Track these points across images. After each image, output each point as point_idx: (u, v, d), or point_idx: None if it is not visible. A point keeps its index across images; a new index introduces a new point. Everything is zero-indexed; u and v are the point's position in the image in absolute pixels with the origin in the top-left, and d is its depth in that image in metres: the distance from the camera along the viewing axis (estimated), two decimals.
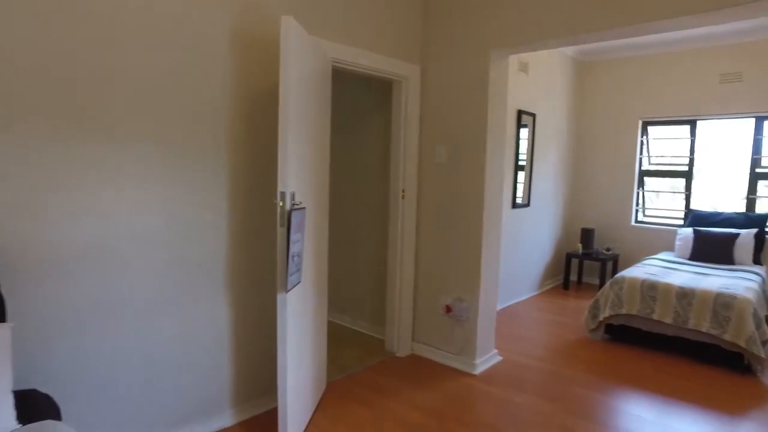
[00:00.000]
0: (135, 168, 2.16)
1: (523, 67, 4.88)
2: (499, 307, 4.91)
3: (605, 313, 3.99)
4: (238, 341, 2.64)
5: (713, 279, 3.98)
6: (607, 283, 4.09)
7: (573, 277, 6.18)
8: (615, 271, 5.80)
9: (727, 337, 3.45)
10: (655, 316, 3.76)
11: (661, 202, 6.30)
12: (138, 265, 2.20)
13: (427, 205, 3.60)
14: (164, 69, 2.21)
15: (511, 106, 4.76)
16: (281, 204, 2.22)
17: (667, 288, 3.76)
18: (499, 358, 3.63)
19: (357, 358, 3.60)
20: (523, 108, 4.92)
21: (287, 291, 2.24)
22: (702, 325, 3.56)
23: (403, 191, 3.55)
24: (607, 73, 5.95)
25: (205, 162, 2.40)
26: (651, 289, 3.83)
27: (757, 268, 4.56)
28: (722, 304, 3.51)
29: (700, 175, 6.08)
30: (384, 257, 3.88)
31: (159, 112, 2.22)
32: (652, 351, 3.84)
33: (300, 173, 2.38)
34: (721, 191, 6.09)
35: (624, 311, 3.90)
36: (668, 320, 3.70)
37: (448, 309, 3.48)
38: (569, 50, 5.71)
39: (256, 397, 2.76)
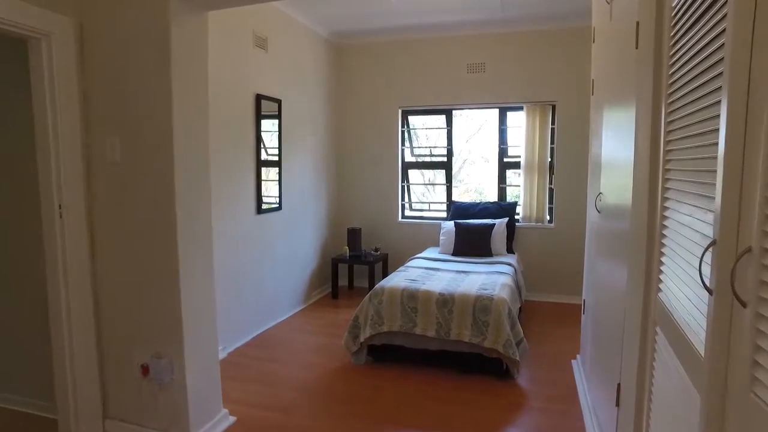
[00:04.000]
0: None
1: (261, 43, 4.01)
2: (249, 337, 4.00)
3: (366, 333, 3.39)
4: None
5: (473, 278, 3.71)
6: (366, 297, 3.51)
7: (344, 282, 5.64)
8: (385, 272, 5.40)
9: (486, 343, 3.13)
10: (417, 330, 3.29)
11: (435, 196, 6.18)
12: None
13: (104, 225, 2.45)
14: None
15: (246, 89, 3.85)
16: None
17: (428, 296, 3.32)
18: (230, 420, 2.70)
19: None
20: (263, 92, 4.06)
21: None
22: (464, 334, 3.19)
23: (60, 207, 2.35)
24: (365, 58, 5.49)
25: None
26: (411, 300, 3.35)
27: (510, 258, 4.54)
28: (481, 308, 3.18)
29: (465, 166, 6.09)
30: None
31: None
32: (417, 370, 3.38)
33: None
34: (482, 181, 6.24)
35: (385, 329, 3.35)
36: (431, 333, 3.26)
37: (145, 370, 2.42)
38: (322, 30, 5.06)
39: None
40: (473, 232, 4.76)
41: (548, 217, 5.15)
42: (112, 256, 2.45)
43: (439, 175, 5.66)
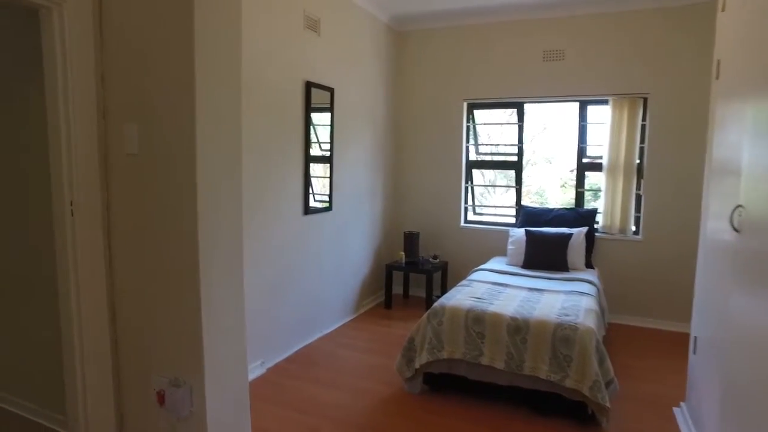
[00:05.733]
0: None
1: (313, 25, 3.60)
2: (291, 350, 3.62)
3: (422, 359, 2.91)
4: None
5: (550, 298, 3.14)
6: (424, 316, 3.02)
7: (398, 291, 5.17)
8: (444, 282, 4.89)
9: (568, 383, 2.57)
10: (484, 360, 2.77)
11: (495, 198, 5.60)
12: None
13: (120, 226, 2.11)
14: None
15: (294, 75, 3.46)
16: None
17: (497, 320, 2.79)
18: None
19: None
20: (314, 80, 3.66)
21: None
22: (540, 369, 2.63)
23: (72, 204, 2.02)
24: (427, 46, 4.99)
25: None
26: (477, 323, 2.83)
27: (590, 274, 3.91)
28: (562, 339, 2.61)
29: (526, 167, 5.48)
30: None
31: None
32: (481, 406, 2.85)
33: None
34: (544, 184, 5.61)
35: (445, 355, 2.85)
36: (500, 365, 2.72)
37: (161, 398, 2.05)
38: (381, 13, 4.61)
39: None
40: (547, 243, 4.16)
41: (633, 228, 4.45)
42: (129, 261, 2.10)
43: (501, 176, 5.08)
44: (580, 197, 4.73)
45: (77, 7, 1.97)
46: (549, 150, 5.26)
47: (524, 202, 5.08)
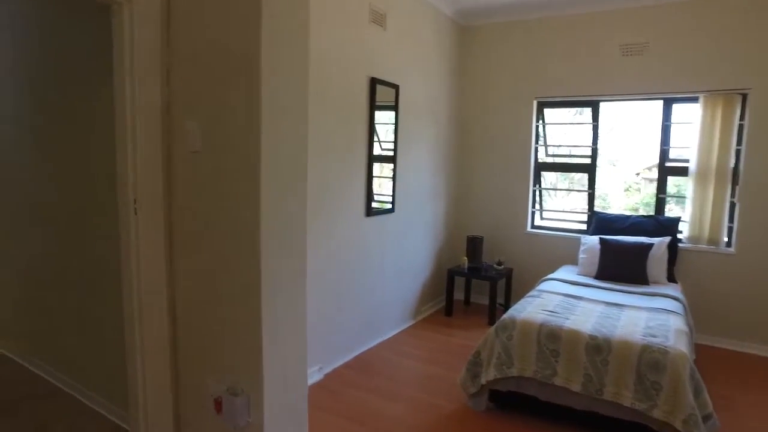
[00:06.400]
0: None
1: (378, 19, 3.47)
2: (349, 356, 3.50)
3: (489, 375, 2.70)
4: None
5: (631, 315, 2.85)
6: (492, 329, 2.81)
7: (459, 297, 4.96)
8: (508, 290, 4.64)
9: (657, 414, 2.29)
10: (558, 381, 2.53)
11: (562, 202, 5.28)
12: None
13: (184, 225, 2.06)
14: None
15: (359, 71, 3.34)
16: None
17: (574, 338, 2.54)
18: None
19: None
20: (379, 76, 3.53)
21: None
22: (623, 396, 2.37)
23: (136, 202, 1.99)
24: (494, 41, 4.75)
25: None
26: (551, 340, 2.59)
27: (673, 289, 3.55)
28: (650, 363, 2.34)
29: (603, 170, 5.12)
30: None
31: None
32: (553, 428, 2.61)
33: None
34: (613, 187, 5.22)
35: (515, 373, 2.64)
36: (576, 387, 2.48)
37: (218, 406, 1.98)
38: (446, 7, 4.42)
39: None
40: (624, 253, 3.82)
41: (725, 239, 4.01)
42: (190, 261, 2.05)
43: (562, 179, 4.76)
44: (660, 204, 4.33)
45: (147, 2, 1.93)
46: (615, 152, 4.91)
47: (586, 205, 4.73)
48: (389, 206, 3.83)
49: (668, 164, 4.27)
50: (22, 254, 3.16)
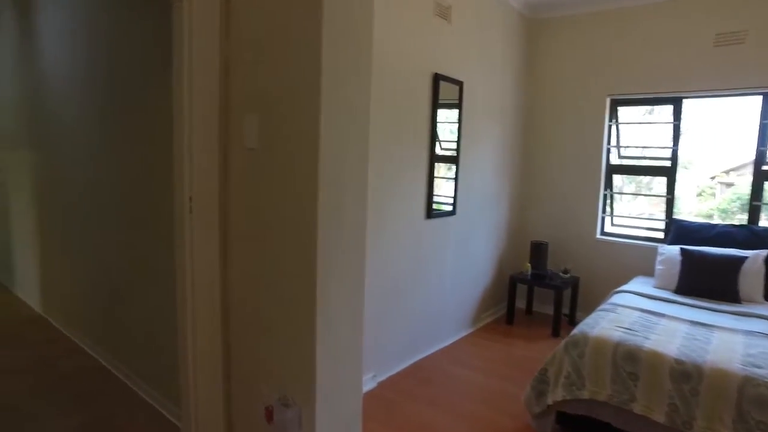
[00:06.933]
0: None
1: (443, 12, 3.30)
2: (405, 364, 3.36)
3: (556, 396, 2.48)
4: None
5: (724, 338, 2.52)
6: (561, 345, 2.58)
7: (521, 305, 4.71)
8: (574, 300, 4.33)
9: None
10: (636, 408, 2.27)
11: (627, 207, 4.89)
12: None
13: (238, 225, 1.99)
14: None
15: (423, 67, 3.19)
16: None
17: (656, 361, 2.27)
18: None
19: None
20: (443, 72, 3.35)
21: None
22: None
23: (191, 200, 1.93)
24: (565, 35, 4.45)
25: None
26: (630, 361, 2.33)
27: None
28: (755, 400, 2.03)
29: (685, 173, 4.69)
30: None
31: None
32: None
33: None
34: (684, 192, 4.76)
35: (586, 395, 2.40)
36: (659, 416, 2.21)
37: (269, 415, 1.89)
38: (515, 1, 4.18)
39: None
40: (711, 266, 3.44)
41: None
42: (243, 263, 1.98)
43: (628, 182, 4.37)
44: (754, 212, 3.89)
45: None
46: (690, 154, 4.48)
47: (653, 211, 4.33)
48: (450, 208, 3.66)
49: (765, 167, 3.83)
50: (90, 249, 3.25)
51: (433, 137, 3.34)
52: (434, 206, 3.45)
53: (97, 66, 2.94)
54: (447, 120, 3.53)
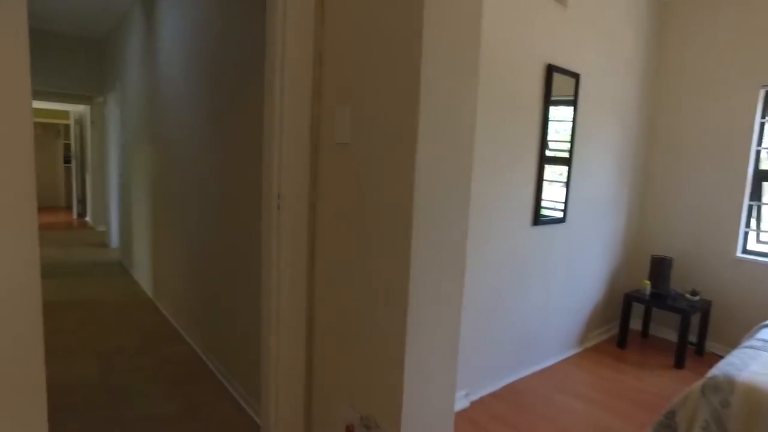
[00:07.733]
0: None
1: None
2: (500, 384, 3.06)
3: None
4: None
5: None
6: (697, 386, 2.15)
7: (636, 326, 4.17)
8: (703, 327, 3.73)
9: None
10: None
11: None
12: None
13: (326, 225, 1.85)
14: None
15: (534, 57, 2.87)
16: None
17: None
18: None
19: None
20: (557, 63, 3.00)
21: None
22: None
23: (279, 197, 1.82)
24: (703, 16, 3.84)
25: None
26: None
27: None
28: None
29: None
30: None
31: None
32: None
33: None
34: None
35: None
36: None
37: None
38: None
39: None
40: None
41: None
42: (331, 266, 1.83)
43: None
44: None
45: None
46: None
47: None
48: (560, 215, 3.29)
49: None
50: (193, 243, 3.34)
51: (544, 136, 3.00)
52: (542, 212, 3.11)
53: (208, 66, 2.99)
54: (559, 118, 3.17)
